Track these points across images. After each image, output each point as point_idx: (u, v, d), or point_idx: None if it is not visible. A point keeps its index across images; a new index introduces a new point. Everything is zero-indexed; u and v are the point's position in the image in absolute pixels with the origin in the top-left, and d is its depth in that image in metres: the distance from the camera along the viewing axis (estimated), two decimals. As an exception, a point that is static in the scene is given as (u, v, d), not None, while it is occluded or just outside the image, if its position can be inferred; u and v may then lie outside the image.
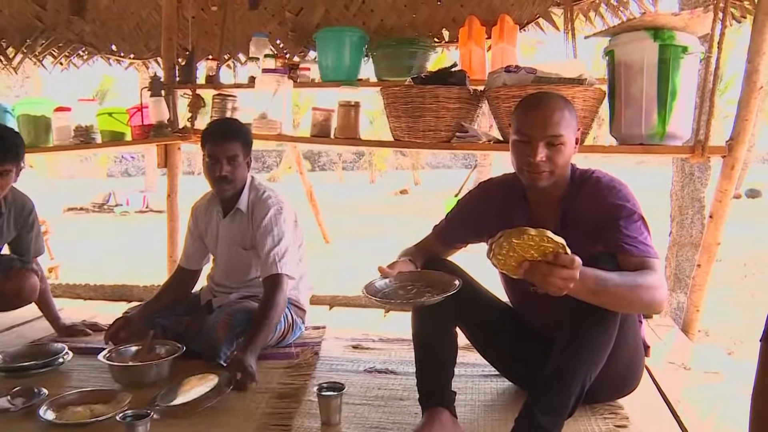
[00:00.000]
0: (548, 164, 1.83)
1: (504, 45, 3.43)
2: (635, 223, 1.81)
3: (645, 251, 1.77)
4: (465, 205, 2.21)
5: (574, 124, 1.89)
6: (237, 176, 2.67)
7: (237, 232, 2.77)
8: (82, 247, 9.53)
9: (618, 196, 1.85)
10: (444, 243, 2.21)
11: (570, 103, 1.92)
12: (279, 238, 2.63)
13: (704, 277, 2.91)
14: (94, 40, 4.43)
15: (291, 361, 2.61)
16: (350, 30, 3.66)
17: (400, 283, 1.95)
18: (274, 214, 2.68)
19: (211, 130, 2.74)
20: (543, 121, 1.82)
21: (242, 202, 2.74)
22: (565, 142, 1.83)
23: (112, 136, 3.97)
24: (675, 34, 2.64)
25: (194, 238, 2.95)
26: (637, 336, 1.95)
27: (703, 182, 3.99)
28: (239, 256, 2.78)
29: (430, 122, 3.01)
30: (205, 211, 2.92)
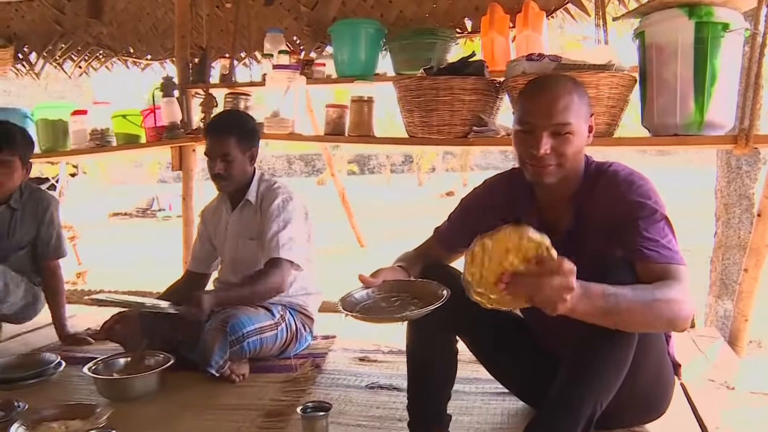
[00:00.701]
0: (554, 156, 1.61)
1: (529, 32, 3.18)
2: (657, 223, 1.56)
3: (668, 257, 1.51)
4: (467, 204, 1.98)
5: (586, 111, 1.65)
6: (233, 173, 2.57)
7: (245, 223, 2.66)
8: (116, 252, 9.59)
9: (637, 192, 1.60)
10: (445, 247, 1.98)
11: (581, 86, 1.69)
12: (285, 224, 2.52)
13: (752, 282, 2.61)
14: (111, 43, 4.37)
15: (289, 374, 2.42)
16: (366, 22, 3.46)
17: (384, 294, 1.73)
18: (283, 200, 2.58)
19: (207, 127, 2.69)
20: (547, 108, 1.60)
21: (251, 194, 2.65)
22: (574, 131, 1.60)
23: (126, 139, 3.89)
24: (714, 10, 2.35)
25: (203, 240, 2.86)
26: (662, 353, 1.69)
27: (752, 177, 3.63)
28: (246, 248, 2.64)
29: (444, 116, 2.79)
30: (214, 212, 2.84)
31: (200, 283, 2.84)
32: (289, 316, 2.58)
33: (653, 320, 1.43)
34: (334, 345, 2.79)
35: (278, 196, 2.57)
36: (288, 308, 2.61)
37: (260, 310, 2.48)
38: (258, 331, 2.39)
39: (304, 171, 37.38)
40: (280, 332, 2.50)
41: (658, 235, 1.54)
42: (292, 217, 2.55)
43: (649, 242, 1.52)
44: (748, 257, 2.60)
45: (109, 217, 16.36)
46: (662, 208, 1.59)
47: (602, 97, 2.48)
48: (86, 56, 4.41)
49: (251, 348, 2.37)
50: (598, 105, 2.48)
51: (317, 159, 34.13)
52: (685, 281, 1.49)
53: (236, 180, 2.59)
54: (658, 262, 1.50)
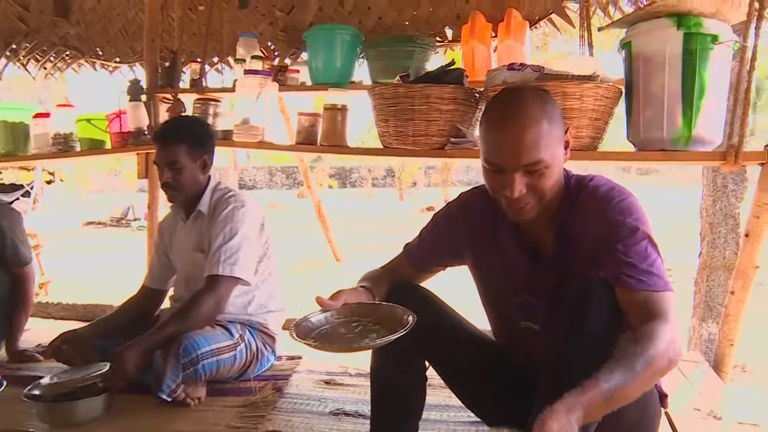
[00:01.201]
0: (531, 194, 1.45)
1: (511, 42, 3.07)
2: (638, 245, 1.41)
3: (649, 284, 1.36)
4: (439, 220, 1.81)
5: (559, 132, 1.47)
6: (182, 182, 2.42)
7: (197, 235, 2.49)
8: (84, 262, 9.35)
9: (617, 209, 1.46)
10: (415, 266, 1.81)
11: (548, 101, 1.49)
12: (231, 235, 2.34)
13: (739, 305, 2.48)
14: (79, 43, 4.20)
15: (248, 398, 2.25)
16: (342, 28, 3.32)
17: (344, 318, 1.57)
18: (232, 209, 2.40)
19: (154, 134, 2.53)
20: (514, 148, 1.41)
21: (203, 204, 2.48)
22: (550, 164, 1.43)
23: (91, 144, 3.72)
24: (703, 21, 2.24)
25: (159, 254, 2.69)
26: None
27: (737, 196, 3.52)
28: (198, 263, 2.45)
29: (420, 126, 2.65)
30: (170, 223, 2.69)
31: (156, 300, 2.67)
32: (249, 336, 2.41)
33: (653, 379, 1.29)
34: (299, 366, 2.62)
35: (228, 206, 2.41)
36: (248, 327, 2.44)
37: (217, 329, 2.32)
38: (214, 353, 2.22)
39: (285, 183, 37.23)
40: (239, 353, 2.34)
41: (638, 258, 1.39)
42: (241, 227, 2.37)
43: (629, 268, 1.38)
44: (734, 279, 2.48)
45: (83, 226, 16.05)
46: (644, 224, 1.44)
47: (586, 108, 2.35)
48: (52, 57, 4.23)
49: (207, 371, 2.20)
50: (582, 117, 2.36)
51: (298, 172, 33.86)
52: (670, 311, 1.35)
53: (186, 190, 2.44)
54: (638, 290, 1.37)
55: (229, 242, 2.31)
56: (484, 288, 1.75)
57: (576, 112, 2.35)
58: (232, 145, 3.17)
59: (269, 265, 2.56)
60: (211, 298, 2.24)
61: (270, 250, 2.56)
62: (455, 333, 1.72)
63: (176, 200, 2.48)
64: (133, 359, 2.07)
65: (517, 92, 1.51)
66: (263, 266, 2.52)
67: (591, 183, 1.53)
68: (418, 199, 25.52)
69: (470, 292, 1.82)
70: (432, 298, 1.71)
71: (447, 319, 1.72)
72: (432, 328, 1.63)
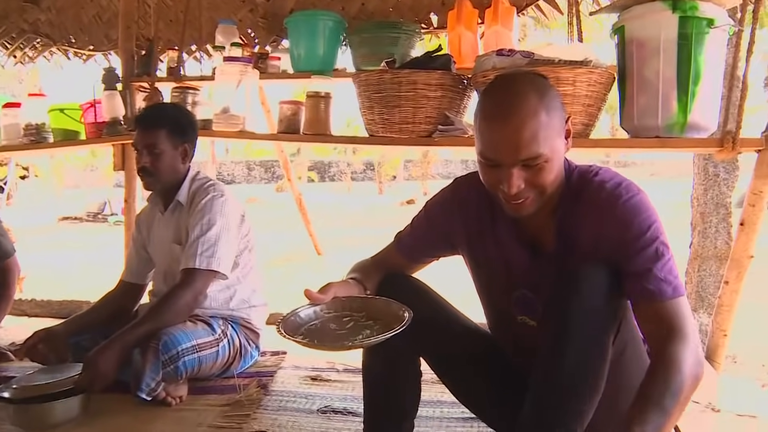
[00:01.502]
0: (530, 189, 1.36)
1: (498, 28, 3.00)
2: (649, 247, 1.33)
3: (663, 293, 1.30)
4: (432, 208, 1.71)
5: (559, 122, 1.37)
6: (160, 168, 2.32)
7: (175, 226, 2.40)
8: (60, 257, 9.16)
9: (624, 208, 1.36)
10: (407, 256, 1.73)
11: (548, 89, 1.38)
12: (209, 226, 2.24)
13: (733, 296, 2.43)
14: (50, 30, 4.06)
15: (232, 396, 2.17)
16: (325, 14, 3.22)
17: (334, 313, 1.49)
18: (211, 198, 2.30)
19: (136, 118, 2.44)
20: (511, 143, 1.32)
21: (182, 194, 2.38)
22: (550, 158, 1.34)
23: (64, 135, 3.59)
24: (698, 4, 2.18)
25: (137, 247, 2.58)
26: (643, 372, 1.49)
27: (729, 185, 3.48)
28: (176, 255, 2.35)
29: (407, 114, 2.57)
30: (147, 215, 2.58)
31: (135, 295, 2.56)
32: (232, 331, 2.32)
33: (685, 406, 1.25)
34: (285, 362, 2.54)
35: (207, 195, 2.31)
36: (230, 322, 2.35)
37: (198, 324, 2.22)
38: (195, 349, 2.12)
39: (264, 177, 37.05)
40: (222, 349, 2.24)
41: (650, 263, 1.31)
42: (219, 218, 2.27)
43: (641, 277, 1.32)
44: (729, 269, 2.43)
45: (59, 221, 15.76)
46: (654, 222, 1.35)
47: (579, 95, 2.29)
48: (21, 44, 4.08)
49: (188, 368, 2.10)
50: (574, 103, 2.29)
51: (277, 165, 33.85)
52: (685, 321, 1.30)
53: (164, 177, 2.34)
54: (653, 302, 1.31)
55: (207, 234, 2.22)
56: (480, 280, 1.66)
57: (569, 98, 2.28)
58: (212, 135, 3.07)
59: (251, 259, 2.47)
60: (188, 292, 2.15)
61: (251, 243, 2.47)
62: (449, 326, 1.64)
63: (152, 187, 2.38)
64: (108, 362, 1.96)
65: (513, 81, 1.40)
66: (244, 260, 2.44)
67: (596, 178, 1.43)
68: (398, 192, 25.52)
69: (464, 283, 1.74)
70: (425, 289, 1.63)
71: (441, 312, 1.64)
72: (425, 320, 1.55)
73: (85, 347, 2.21)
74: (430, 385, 2.00)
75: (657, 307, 1.30)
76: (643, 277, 1.31)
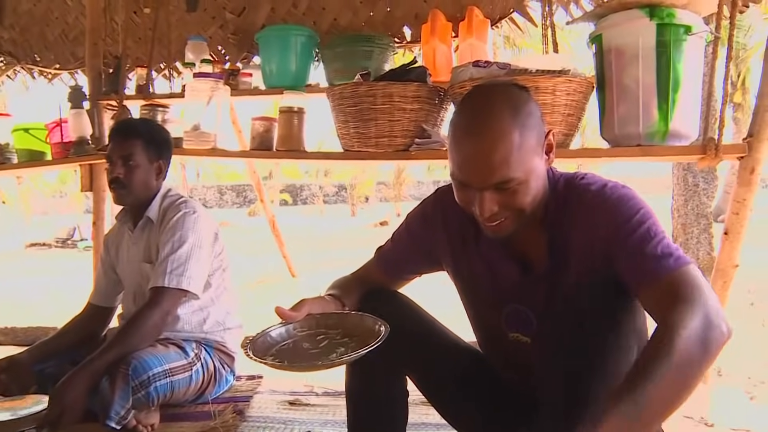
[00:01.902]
0: (505, 211, 1.28)
1: (473, 41, 2.97)
2: (639, 229, 1.24)
3: (665, 267, 1.18)
4: (414, 221, 1.62)
5: (534, 141, 1.27)
6: (134, 180, 2.23)
7: (145, 244, 2.29)
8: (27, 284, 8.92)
9: (611, 203, 1.29)
10: (387, 272, 1.64)
11: (522, 107, 1.27)
12: (180, 243, 2.14)
13: (718, 306, 2.40)
14: (13, 49, 3.95)
15: (207, 423, 2.06)
16: (297, 29, 3.17)
17: (308, 331, 1.40)
18: (183, 215, 2.21)
19: (112, 129, 2.36)
20: (481, 166, 1.24)
21: (152, 210, 2.29)
22: (524, 180, 1.25)
23: (30, 156, 3.48)
24: (675, 12, 2.17)
25: (106, 268, 2.47)
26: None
27: (709, 195, 3.47)
28: (146, 275, 2.25)
29: (383, 127, 2.51)
30: (116, 234, 2.48)
31: (103, 318, 2.44)
32: (206, 354, 2.22)
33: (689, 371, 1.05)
34: (261, 386, 2.44)
35: (179, 212, 2.22)
36: (204, 345, 2.25)
37: (170, 347, 2.12)
38: (168, 373, 2.02)
39: (236, 202, 36.80)
40: (195, 373, 2.14)
41: (644, 243, 1.22)
42: (191, 234, 2.18)
43: (637, 260, 1.22)
44: (714, 279, 2.39)
45: (26, 247, 15.42)
46: (642, 208, 1.28)
47: (559, 104, 2.25)
48: (-17, 65, 3.97)
49: (160, 393, 1.99)
50: (554, 113, 2.26)
51: (249, 190, 33.72)
52: (693, 288, 1.13)
53: (137, 191, 2.24)
54: (657, 280, 1.18)
55: (178, 251, 2.12)
56: (467, 296, 1.58)
57: (548, 107, 2.24)
58: (182, 153, 2.97)
59: (224, 279, 2.37)
60: (156, 312, 2.04)
61: (225, 263, 2.38)
62: (437, 343, 1.56)
63: (124, 201, 2.28)
64: (76, 393, 1.83)
65: (487, 96, 1.30)
66: (218, 280, 2.34)
67: (582, 182, 1.36)
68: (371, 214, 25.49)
69: (452, 300, 1.66)
70: (410, 304, 1.56)
71: (427, 327, 1.56)
72: (411, 338, 1.48)
73: (50, 375, 2.12)
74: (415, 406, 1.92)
75: (666, 283, 1.17)
76: (638, 259, 1.22)
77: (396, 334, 1.32)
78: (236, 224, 20.60)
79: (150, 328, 2.03)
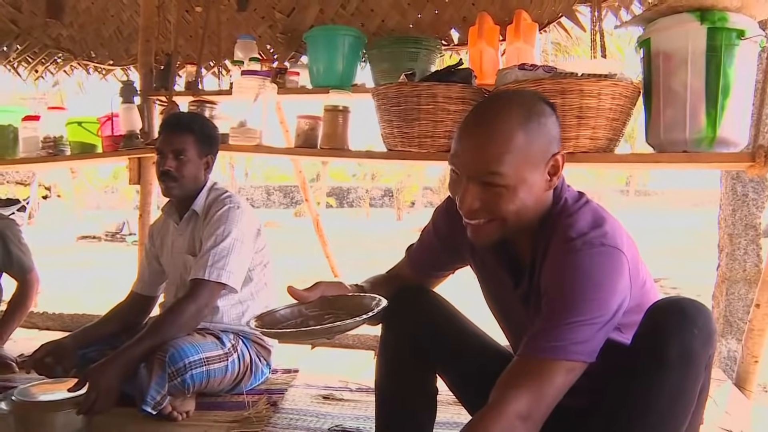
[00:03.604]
0: (485, 212, 1.25)
1: (520, 44, 2.94)
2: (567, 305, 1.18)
3: (534, 348, 1.19)
4: (438, 215, 1.62)
5: (537, 153, 1.24)
6: (185, 173, 2.27)
7: (190, 237, 2.34)
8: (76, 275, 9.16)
9: (569, 262, 1.21)
10: (416, 269, 1.65)
11: (539, 117, 1.25)
12: (223, 237, 2.18)
13: (765, 319, 2.32)
14: (72, 45, 4.06)
15: (241, 413, 2.09)
16: (345, 29, 3.19)
17: (317, 312, 1.43)
18: (227, 210, 2.25)
19: (162, 123, 2.42)
20: (473, 153, 1.23)
21: (198, 204, 2.33)
22: (512, 185, 1.22)
23: (82, 148, 3.58)
24: (728, 16, 2.12)
25: (150, 258, 2.53)
26: (701, 415, 1.37)
27: (758, 205, 3.37)
28: (189, 267, 2.29)
29: (426, 127, 2.51)
30: (161, 225, 2.53)
31: (145, 307, 2.51)
32: (243, 346, 2.25)
33: None
34: (296, 380, 2.46)
35: (224, 206, 2.26)
36: (241, 337, 2.28)
37: (208, 337, 2.16)
38: (204, 362, 2.05)
39: (283, 203, 37.21)
40: (231, 364, 2.17)
41: (554, 318, 1.18)
42: (234, 229, 2.21)
43: (537, 324, 1.21)
44: (760, 291, 2.33)
45: (77, 240, 15.86)
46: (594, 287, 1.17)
47: (603, 108, 2.22)
48: (43, 59, 4.09)
49: (195, 381, 2.03)
50: (598, 117, 2.23)
51: (296, 191, 34.00)
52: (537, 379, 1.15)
53: (186, 184, 2.29)
54: (520, 355, 1.21)
55: (220, 245, 2.16)
56: (488, 294, 1.56)
57: (593, 111, 2.21)
58: (228, 149, 3.03)
59: (266, 275, 2.40)
60: (193, 304, 2.08)
61: (266, 259, 2.41)
62: (468, 342, 1.56)
63: (172, 193, 2.32)
64: (110, 379, 1.85)
65: (507, 97, 1.31)
66: (259, 275, 2.37)
67: (568, 219, 1.27)
68: (417, 219, 25.44)
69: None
70: (443, 303, 1.56)
71: (459, 327, 1.56)
72: (442, 335, 1.48)
73: (92, 359, 2.16)
74: (446, 406, 1.92)
75: (519, 360, 1.20)
76: (536, 325, 1.21)
77: (427, 331, 1.33)
78: (282, 224, 20.82)
79: (187, 319, 2.07)
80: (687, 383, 1.16)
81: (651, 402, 1.15)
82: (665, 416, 1.16)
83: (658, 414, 1.15)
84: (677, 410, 1.17)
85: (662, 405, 1.15)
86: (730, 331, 3.38)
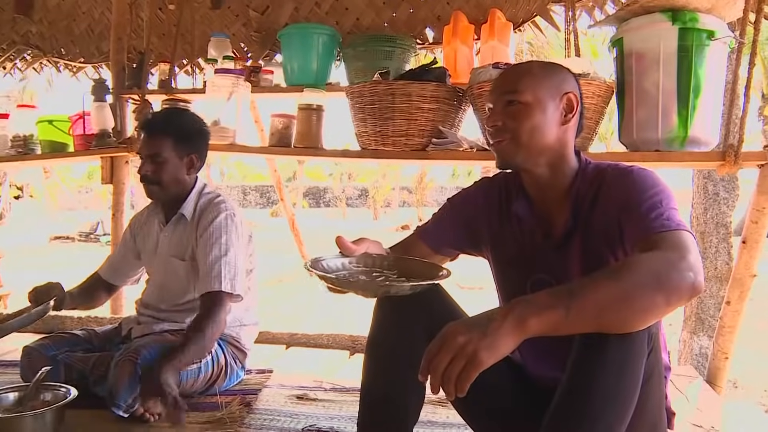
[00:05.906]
0: (507, 130, 1.45)
1: (495, 43, 2.95)
2: (651, 200, 1.31)
3: (656, 226, 1.25)
4: (459, 201, 1.71)
5: (552, 85, 1.45)
6: (163, 177, 2.21)
7: (177, 241, 2.28)
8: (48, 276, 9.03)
9: (633, 177, 1.38)
10: (431, 244, 1.69)
11: (552, 66, 1.50)
12: (227, 248, 2.16)
13: (735, 316, 2.36)
14: (41, 42, 4.01)
15: (214, 414, 2.06)
16: (319, 28, 3.18)
17: (364, 268, 1.41)
18: (225, 219, 2.20)
19: (141, 124, 2.42)
20: (500, 78, 1.52)
21: (186, 207, 2.27)
22: (527, 102, 1.42)
23: (52, 147, 3.54)
24: (698, 17, 2.15)
25: (126, 250, 2.48)
26: (661, 402, 1.39)
27: (729, 204, 3.41)
28: (175, 270, 2.27)
29: (400, 126, 2.51)
30: (144, 223, 2.46)
31: (104, 293, 2.50)
32: (218, 348, 2.22)
33: (649, 295, 1.09)
34: (270, 381, 2.43)
35: (220, 213, 2.21)
36: (217, 339, 2.25)
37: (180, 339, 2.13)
38: (176, 364, 2.03)
39: (259, 202, 37.05)
40: (205, 366, 2.14)
41: (650, 210, 1.29)
42: (235, 239, 2.20)
43: (640, 223, 1.29)
44: (730, 288, 2.35)
45: (50, 241, 15.64)
46: (658, 186, 1.35)
47: (577, 106, 2.23)
48: (12, 56, 4.02)
49: (167, 383, 2.00)
50: (572, 115, 2.23)
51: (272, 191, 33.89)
52: (684, 245, 1.18)
53: (167, 187, 2.23)
54: (647, 235, 1.25)
55: (226, 256, 2.14)
56: (498, 272, 1.64)
57: (566, 110, 2.22)
58: (201, 148, 2.99)
59: (250, 279, 2.36)
60: (222, 312, 2.08)
61: (253, 264, 2.38)
62: None
63: (155, 197, 2.27)
64: (172, 381, 1.88)
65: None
66: (246, 280, 2.35)
67: (609, 166, 1.47)
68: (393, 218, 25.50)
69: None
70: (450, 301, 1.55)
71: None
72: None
73: (62, 362, 2.13)
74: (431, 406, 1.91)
75: (649, 239, 1.24)
76: (641, 224, 1.29)
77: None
78: (259, 224, 20.72)
79: (220, 327, 2.08)
80: (629, 357, 1.17)
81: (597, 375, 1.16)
82: (609, 389, 1.16)
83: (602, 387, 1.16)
84: (622, 385, 1.18)
85: (607, 379, 1.16)
86: (702, 328, 3.41)
